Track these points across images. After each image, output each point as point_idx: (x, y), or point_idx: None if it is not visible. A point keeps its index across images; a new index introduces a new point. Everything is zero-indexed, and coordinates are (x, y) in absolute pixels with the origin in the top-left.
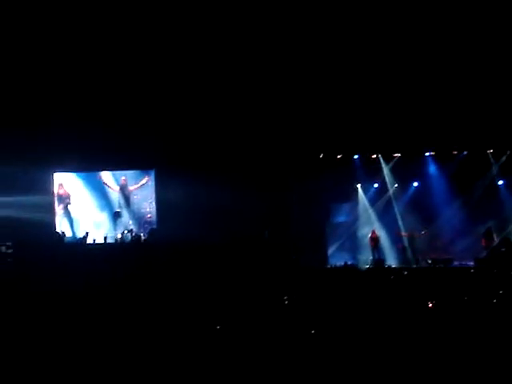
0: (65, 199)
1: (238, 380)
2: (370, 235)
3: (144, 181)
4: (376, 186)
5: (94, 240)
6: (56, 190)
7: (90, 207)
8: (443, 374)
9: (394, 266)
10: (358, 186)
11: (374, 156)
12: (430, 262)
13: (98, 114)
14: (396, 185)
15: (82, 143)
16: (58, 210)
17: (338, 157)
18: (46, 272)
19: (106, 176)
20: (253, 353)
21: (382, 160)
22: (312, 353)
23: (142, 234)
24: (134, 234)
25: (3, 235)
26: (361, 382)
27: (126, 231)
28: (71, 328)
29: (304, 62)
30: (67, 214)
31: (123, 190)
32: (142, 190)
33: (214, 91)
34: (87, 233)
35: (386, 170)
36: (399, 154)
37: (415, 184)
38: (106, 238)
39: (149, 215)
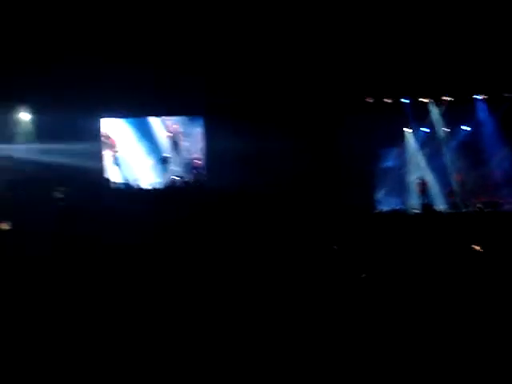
0: (113, 145)
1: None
2: (418, 180)
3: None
4: (426, 130)
5: (140, 185)
6: (104, 135)
7: (138, 153)
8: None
9: (442, 211)
10: (407, 130)
11: (424, 100)
12: (479, 205)
13: (146, 59)
14: (446, 129)
15: (129, 89)
16: (107, 155)
17: (387, 101)
18: (94, 216)
19: (156, 122)
20: (305, 300)
21: (431, 104)
22: (362, 298)
23: (189, 180)
24: (182, 180)
25: (54, 181)
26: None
27: (175, 176)
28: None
29: (353, 7)
30: (115, 159)
31: (173, 136)
32: (190, 137)
33: (261, 37)
34: (135, 178)
35: (435, 114)
36: (450, 98)
37: (465, 128)
38: (154, 184)
39: (197, 161)
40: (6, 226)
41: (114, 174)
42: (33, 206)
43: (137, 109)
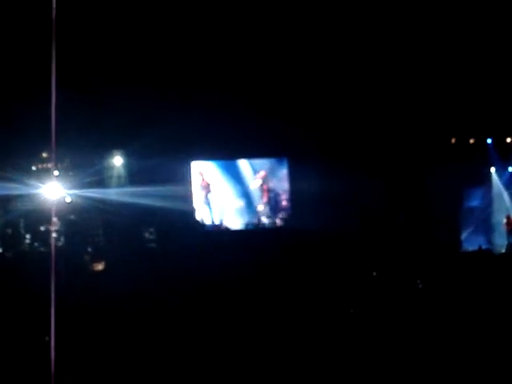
0: (205, 187)
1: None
2: (505, 219)
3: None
4: (511, 170)
5: (228, 227)
6: (197, 178)
7: (228, 195)
8: None
9: None
10: (492, 169)
11: (509, 140)
12: None
13: (232, 102)
14: None
15: (217, 132)
16: (199, 197)
17: (471, 141)
18: (186, 256)
19: (245, 166)
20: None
21: None
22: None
23: (277, 221)
24: (270, 221)
25: (147, 223)
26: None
27: (263, 217)
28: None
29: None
30: (207, 201)
31: (262, 179)
32: (278, 178)
33: (344, 79)
34: (222, 220)
35: None
36: None
37: None
38: (245, 225)
39: (284, 202)
40: (100, 267)
41: (204, 216)
42: (125, 248)
43: (224, 152)
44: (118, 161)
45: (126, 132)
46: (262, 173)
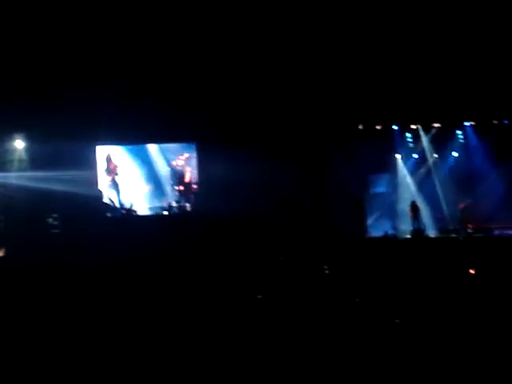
0: (112, 171)
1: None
2: (409, 205)
3: (185, 156)
4: (415, 156)
5: (135, 211)
6: (104, 162)
7: (136, 179)
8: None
9: (433, 236)
10: (398, 156)
11: (414, 127)
12: (470, 231)
13: (139, 86)
14: (435, 155)
15: (124, 116)
16: (106, 181)
17: (378, 127)
18: (91, 241)
19: (154, 151)
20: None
21: (421, 130)
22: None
23: (187, 205)
24: (179, 205)
25: (50, 208)
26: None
27: (172, 202)
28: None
29: (342, 33)
30: (114, 185)
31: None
32: (188, 162)
33: (252, 64)
34: (132, 204)
35: (425, 140)
36: (439, 125)
37: (455, 154)
38: (152, 209)
39: (194, 186)
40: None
41: (112, 200)
42: (26, 234)
43: (131, 136)
44: (19, 144)
45: (28, 114)
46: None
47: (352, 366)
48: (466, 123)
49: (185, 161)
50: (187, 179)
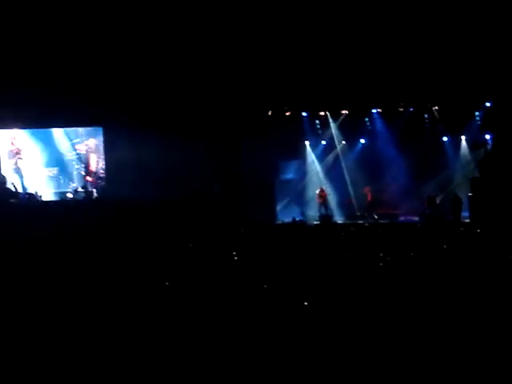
0: (15, 155)
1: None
2: (317, 192)
3: (89, 141)
4: (324, 143)
5: (40, 196)
6: (6, 146)
7: (41, 163)
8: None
9: (340, 222)
10: (307, 143)
11: (323, 113)
12: (376, 217)
13: (46, 70)
14: (343, 142)
15: (27, 100)
16: (9, 166)
17: (287, 114)
18: None
19: (60, 135)
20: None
21: (329, 117)
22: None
23: (94, 190)
24: (86, 191)
25: None
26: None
27: (79, 188)
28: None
29: (253, 17)
30: (17, 170)
31: (81, 148)
32: (93, 147)
33: (162, 46)
34: (36, 190)
35: (333, 127)
36: (347, 112)
37: (362, 141)
38: (58, 194)
39: (101, 171)
40: None
41: (14, 184)
42: None
43: (34, 120)
44: None
45: None
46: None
47: (259, 353)
48: (373, 110)
49: (89, 146)
50: (93, 164)
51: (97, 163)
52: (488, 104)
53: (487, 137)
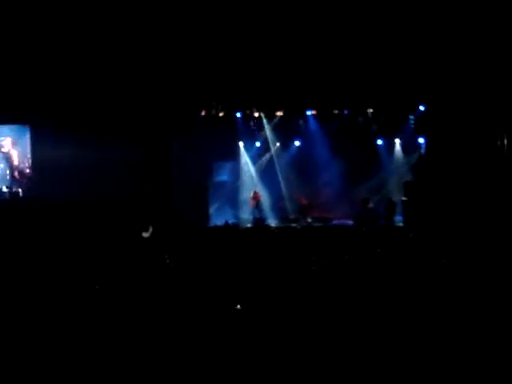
0: None
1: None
2: (251, 194)
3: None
4: (258, 144)
5: None
6: None
7: None
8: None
9: (273, 225)
10: (241, 144)
11: (257, 114)
12: (309, 220)
13: None
14: (278, 144)
15: None
16: None
17: (220, 114)
18: None
19: None
20: (133, 312)
21: (264, 118)
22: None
23: (20, 190)
24: (11, 190)
25: None
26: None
27: (4, 187)
28: None
29: (187, 13)
30: None
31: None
32: (21, 147)
33: (88, 44)
34: None
35: (268, 128)
36: (281, 113)
37: (297, 143)
38: None
39: (28, 170)
40: None
41: None
42: None
43: None
44: None
45: None
46: (8, 139)
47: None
48: (308, 112)
49: (8, 145)
50: (16, 163)
51: (19, 162)
52: (422, 108)
53: (421, 140)
